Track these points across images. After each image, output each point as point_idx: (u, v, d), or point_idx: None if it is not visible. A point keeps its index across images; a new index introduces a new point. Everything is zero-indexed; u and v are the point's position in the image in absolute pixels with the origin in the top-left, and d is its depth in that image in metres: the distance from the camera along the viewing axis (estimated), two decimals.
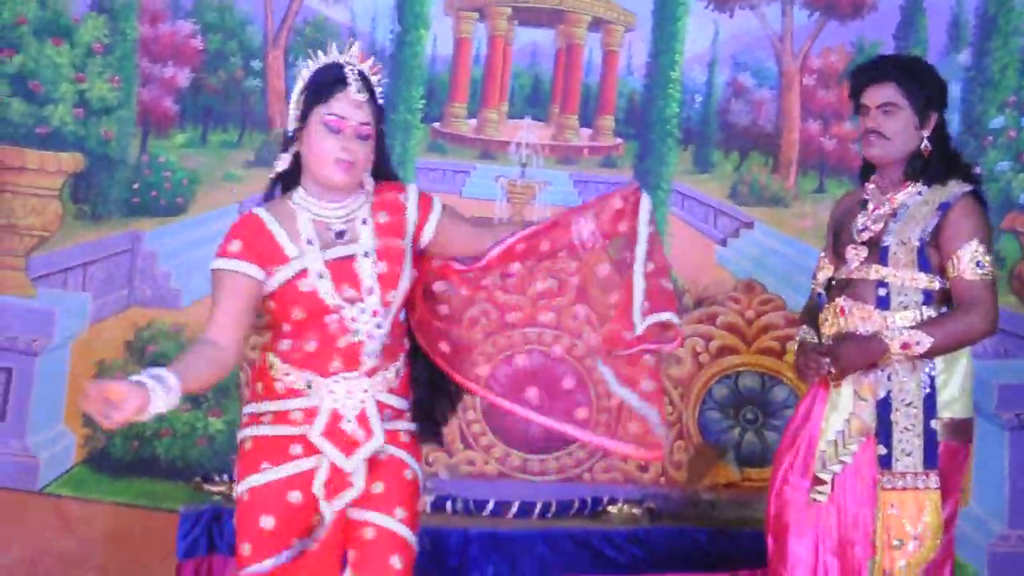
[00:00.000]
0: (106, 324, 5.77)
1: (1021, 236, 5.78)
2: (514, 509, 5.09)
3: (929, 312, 3.92)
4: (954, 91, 5.84)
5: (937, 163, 4.00)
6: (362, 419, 3.42)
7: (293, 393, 3.43)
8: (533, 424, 5.30)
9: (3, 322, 5.71)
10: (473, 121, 6.16)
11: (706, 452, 5.45)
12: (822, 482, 3.98)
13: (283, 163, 3.47)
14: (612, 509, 5.27)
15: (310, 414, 3.42)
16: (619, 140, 6.07)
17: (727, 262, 5.93)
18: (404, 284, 3.47)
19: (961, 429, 3.98)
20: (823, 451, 3.99)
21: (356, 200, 3.47)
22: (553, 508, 5.12)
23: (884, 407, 3.92)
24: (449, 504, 5.12)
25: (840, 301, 4.02)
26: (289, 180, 3.49)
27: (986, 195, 4.03)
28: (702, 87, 6.09)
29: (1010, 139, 5.82)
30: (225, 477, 5.34)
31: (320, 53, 3.46)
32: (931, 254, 3.92)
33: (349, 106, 3.38)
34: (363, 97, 3.39)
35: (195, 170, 5.92)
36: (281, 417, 3.44)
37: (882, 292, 3.94)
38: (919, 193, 3.99)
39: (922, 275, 3.93)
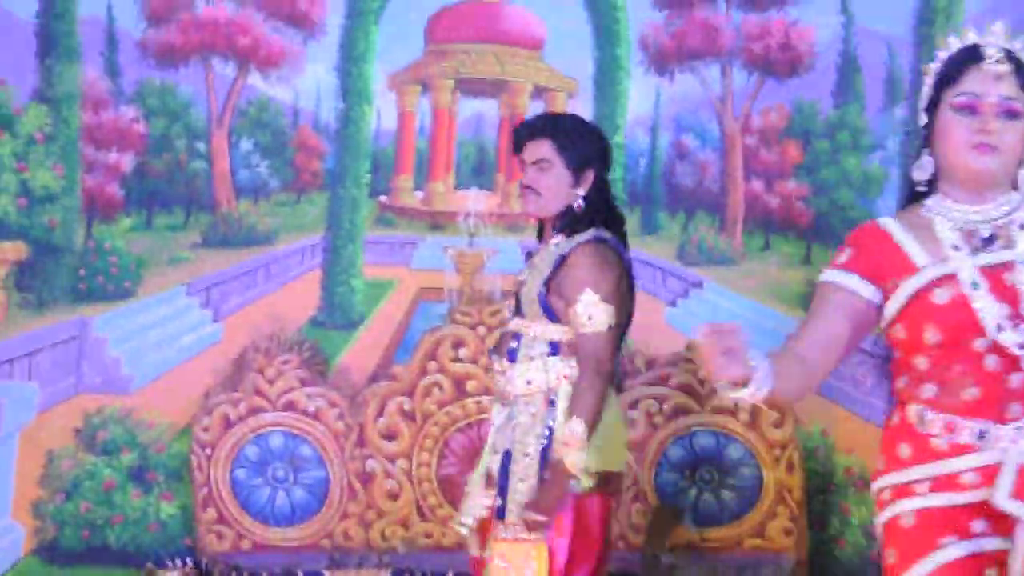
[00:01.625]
0: (54, 412, 5.70)
1: None
2: None
3: (555, 362, 3.89)
4: (892, 145, 5.94)
5: (582, 217, 3.95)
6: None
7: (960, 450, 2.83)
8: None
9: None
10: (420, 193, 6.17)
11: (663, 514, 5.40)
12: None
13: (924, 170, 2.94)
14: None
15: (988, 474, 2.82)
16: None
17: (677, 323, 5.92)
18: None
19: (599, 481, 3.89)
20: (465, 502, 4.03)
21: (1009, 199, 2.90)
22: None
23: (506, 459, 3.89)
24: None
25: (495, 358, 4.04)
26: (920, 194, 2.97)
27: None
28: (646, 150, 6.12)
29: None
30: (178, 562, 5.26)
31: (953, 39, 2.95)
32: (555, 304, 3.90)
33: (984, 80, 2.84)
34: (1005, 68, 2.84)
35: (141, 254, 5.89)
36: (946, 483, 2.84)
37: (513, 344, 3.96)
38: (556, 244, 3.96)
39: (552, 326, 3.91)
